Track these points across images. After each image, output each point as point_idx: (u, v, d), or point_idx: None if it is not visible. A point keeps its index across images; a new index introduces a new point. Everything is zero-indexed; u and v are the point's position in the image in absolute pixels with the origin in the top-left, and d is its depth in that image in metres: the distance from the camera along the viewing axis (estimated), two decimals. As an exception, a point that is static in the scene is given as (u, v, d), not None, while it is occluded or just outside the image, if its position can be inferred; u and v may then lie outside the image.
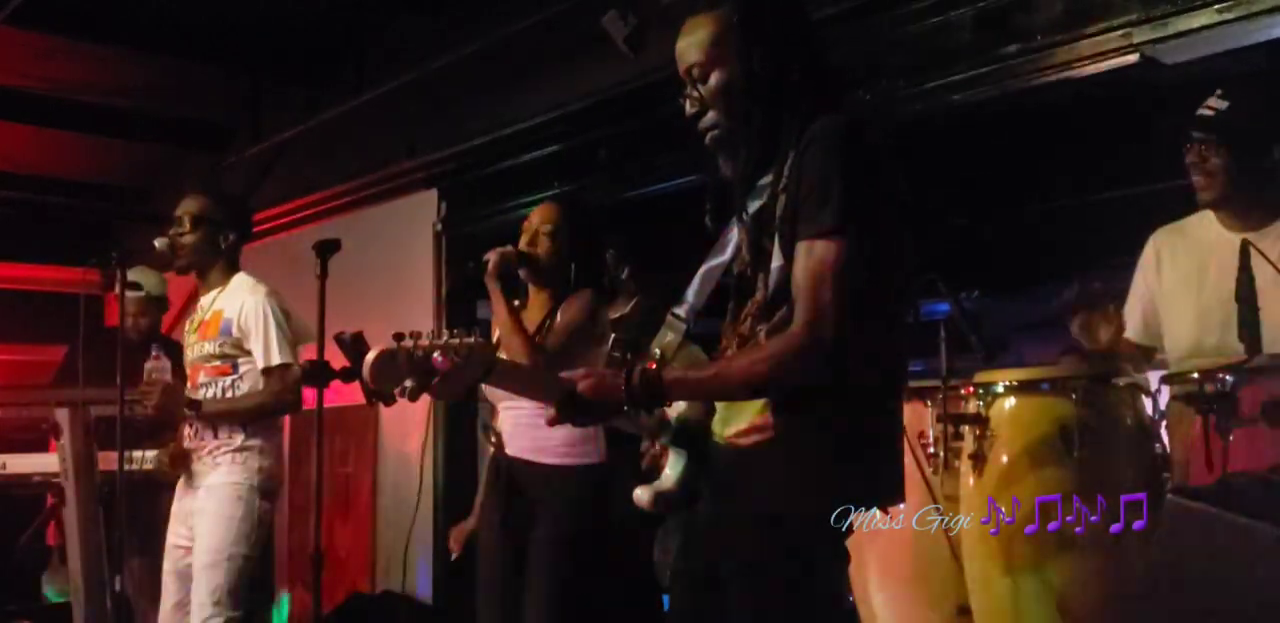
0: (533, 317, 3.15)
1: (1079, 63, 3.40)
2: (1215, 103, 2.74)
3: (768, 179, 1.84)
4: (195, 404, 3.36)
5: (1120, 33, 3.30)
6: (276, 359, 3.36)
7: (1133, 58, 3.29)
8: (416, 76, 5.23)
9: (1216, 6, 3.10)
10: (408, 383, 1.67)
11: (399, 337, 1.67)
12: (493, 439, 3.17)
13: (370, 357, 1.66)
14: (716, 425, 1.90)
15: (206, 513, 3.33)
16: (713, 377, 1.78)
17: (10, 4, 4.76)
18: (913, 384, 2.89)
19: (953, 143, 4.63)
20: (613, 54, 4.20)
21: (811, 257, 1.71)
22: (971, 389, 2.68)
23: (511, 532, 3.08)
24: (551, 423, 1.83)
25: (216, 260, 3.49)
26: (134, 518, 3.61)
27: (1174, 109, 2.82)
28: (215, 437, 3.37)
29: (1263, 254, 2.43)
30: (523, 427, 3.08)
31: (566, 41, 4.77)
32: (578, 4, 4.38)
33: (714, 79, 1.86)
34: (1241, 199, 2.75)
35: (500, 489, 3.12)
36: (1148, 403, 2.55)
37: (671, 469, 1.92)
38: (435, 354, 1.66)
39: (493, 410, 3.27)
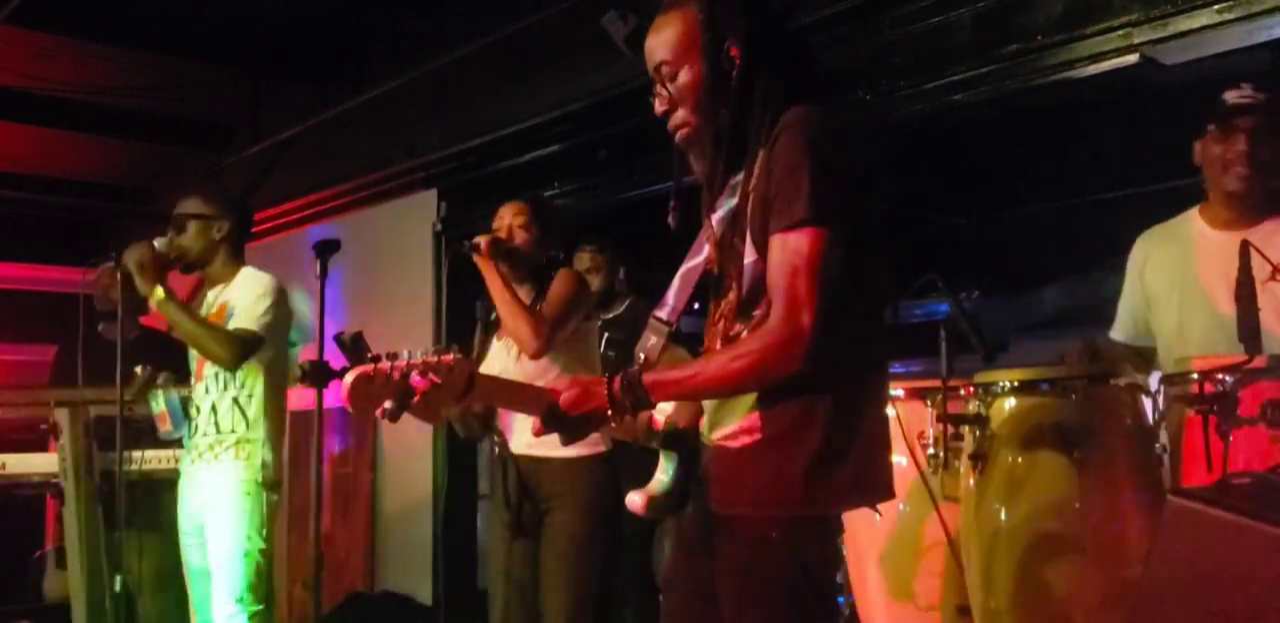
0: None
1: (1079, 63, 3.41)
2: (1249, 93, 2.72)
3: (739, 178, 1.83)
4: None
5: (1120, 33, 3.30)
6: (246, 324, 3.31)
7: (1133, 58, 3.29)
8: (416, 76, 5.23)
9: (1216, 6, 3.11)
10: (387, 404, 1.66)
11: (375, 358, 1.65)
12: (495, 439, 3.16)
13: (348, 380, 1.64)
14: (705, 428, 1.90)
15: (216, 512, 3.32)
16: (692, 376, 1.77)
17: (10, 4, 4.76)
18: (913, 384, 2.90)
19: (953, 143, 4.63)
20: (613, 54, 4.20)
21: (786, 249, 1.71)
22: (971, 389, 2.67)
23: (524, 529, 3.06)
24: (539, 433, 1.84)
25: (215, 254, 3.48)
26: (135, 518, 3.61)
27: (1174, 109, 2.81)
28: (218, 431, 3.37)
29: (1262, 253, 2.43)
30: (527, 422, 3.05)
31: (566, 41, 4.77)
32: (578, 4, 4.38)
33: (682, 77, 1.85)
34: (1256, 193, 2.74)
35: (509, 488, 3.10)
36: (1148, 403, 2.55)
37: (663, 473, 1.92)
38: (414, 374, 1.65)
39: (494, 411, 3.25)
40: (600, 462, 3.04)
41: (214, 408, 3.38)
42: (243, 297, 3.38)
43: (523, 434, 3.07)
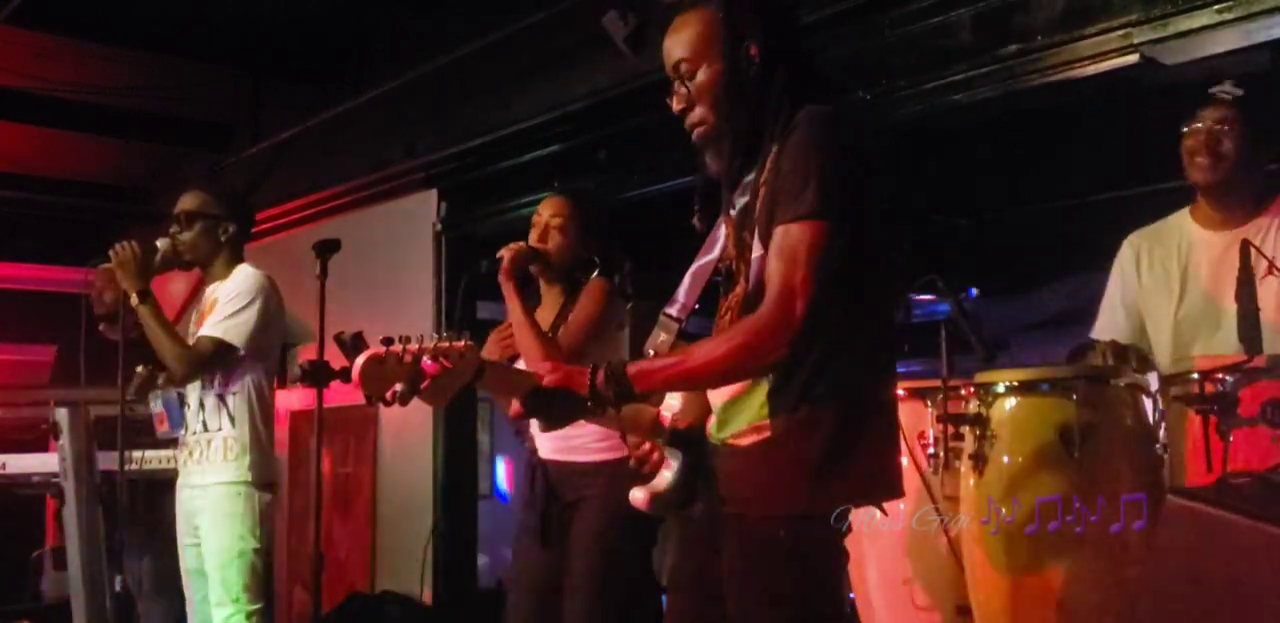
0: (546, 314, 3.09)
1: (1079, 63, 3.40)
2: (1231, 89, 2.75)
3: (752, 176, 1.85)
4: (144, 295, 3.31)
5: (1120, 33, 3.30)
6: (208, 331, 3.30)
7: (1133, 58, 3.29)
8: (416, 76, 5.23)
9: (1216, 7, 3.10)
10: (397, 387, 1.67)
11: (388, 341, 1.66)
12: (527, 443, 3.14)
13: (360, 361, 1.65)
14: (713, 427, 1.90)
15: (207, 513, 3.33)
16: (678, 363, 1.77)
17: (10, 4, 4.76)
18: (913, 384, 2.89)
19: (953, 143, 4.62)
20: (613, 54, 4.20)
21: (788, 238, 1.72)
22: (971, 389, 2.67)
23: (550, 535, 3.02)
24: (515, 416, 1.82)
25: (218, 253, 3.50)
26: (135, 518, 3.61)
27: (1174, 109, 2.82)
28: (206, 429, 3.37)
29: (1261, 252, 2.43)
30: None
31: (566, 41, 4.77)
32: (578, 4, 4.38)
33: (701, 75, 1.87)
34: (1234, 189, 2.76)
35: (536, 493, 3.06)
36: (1148, 403, 2.55)
37: (668, 471, 1.92)
38: (425, 358, 1.66)
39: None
40: (625, 465, 2.96)
41: (201, 405, 3.39)
42: (221, 297, 3.38)
43: (549, 440, 3.02)
